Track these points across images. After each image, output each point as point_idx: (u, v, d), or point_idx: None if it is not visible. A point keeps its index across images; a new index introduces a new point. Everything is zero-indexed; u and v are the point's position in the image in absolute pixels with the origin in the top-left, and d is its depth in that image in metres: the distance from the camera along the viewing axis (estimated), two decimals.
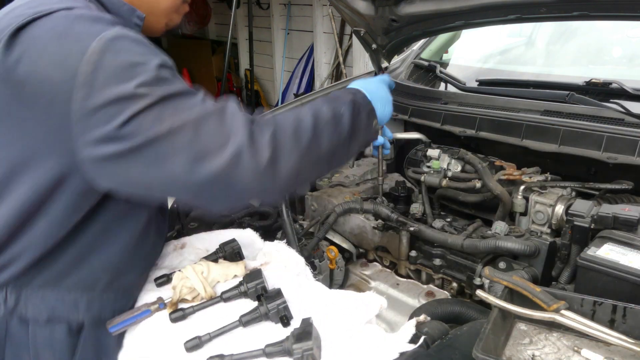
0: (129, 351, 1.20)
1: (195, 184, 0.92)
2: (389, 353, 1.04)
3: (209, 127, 0.93)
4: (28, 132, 0.97)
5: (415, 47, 2.49)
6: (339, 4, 1.83)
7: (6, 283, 1.07)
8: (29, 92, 0.92)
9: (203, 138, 0.92)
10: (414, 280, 1.73)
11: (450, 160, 1.80)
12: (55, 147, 0.97)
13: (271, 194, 1.03)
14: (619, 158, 1.53)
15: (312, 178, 1.14)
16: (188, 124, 0.92)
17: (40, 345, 1.12)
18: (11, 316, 1.09)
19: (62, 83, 0.90)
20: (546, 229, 1.52)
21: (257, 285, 1.19)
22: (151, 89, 0.91)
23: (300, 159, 1.01)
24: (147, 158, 0.90)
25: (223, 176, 0.93)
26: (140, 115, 0.89)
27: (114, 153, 0.90)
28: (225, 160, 0.91)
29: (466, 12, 1.65)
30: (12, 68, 0.92)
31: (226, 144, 0.92)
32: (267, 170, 0.95)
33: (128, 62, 0.91)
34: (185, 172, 0.91)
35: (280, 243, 1.47)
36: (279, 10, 6.79)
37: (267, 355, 1.03)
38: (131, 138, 0.89)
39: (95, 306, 1.16)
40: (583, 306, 1.06)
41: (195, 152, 0.91)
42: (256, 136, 0.96)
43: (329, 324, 1.13)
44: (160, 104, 0.91)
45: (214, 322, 1.16)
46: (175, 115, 0.91)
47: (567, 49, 2.36)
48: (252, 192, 0.99)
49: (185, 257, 1.45)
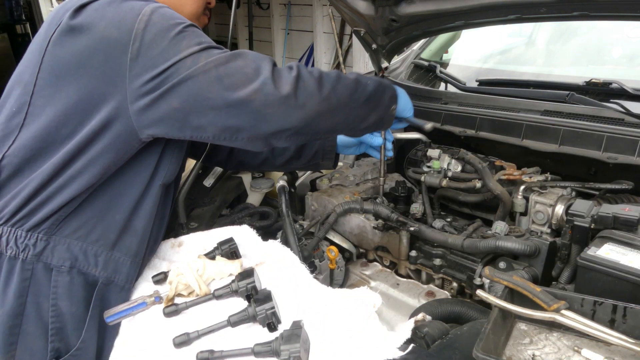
0: (124, 339, 1.24)
1: (225, 108, 1.11)
2: (388, 352, 1.04)
3: (238, 63, 1.13)
4: (84, 83, 1.14)
5: (415, 47, 2.49)
6: (339, 4, 1.83)
7: (39, 225, 1.18)
8: (89, 49, 1.13)
9: (233, 71, 1.12)
10: (414, 280, 1.73)
11: (451, 160, 1.80)
12: (107, 95, 1.14)
13: (292, 123, 1.17)
14: (619, 158, 1.54)
15: (324, 127, 1.28)
16: (221, 59, 1.12)
17: (60, 293, 1.21)
18: (38, 261, 1.19)
19: (118, 39, 1.11)
20: (546, 229, 1.52)
21: (248, 284, 1.21)
22: (188, 40, 1.13)
23: (319, 101, 1.18)
24: (188, 90, 1.10)
25: (250, 102, 1.11)
26: (181, 61, 1.10)
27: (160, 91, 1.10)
28: (252, 90, 1.10)
29: (466, 12, 1.66)
30: (77, 29, 1.14)
31: (255, 76, 1.12)
32: (287, 100, 1.13)
33: (171, 22, 1.14)
34: (216, 98, 1.11)
35: (276, 242, 1.47)
36: (279, 10, 6.80)
37: (256, 354, 1.05)
38: (174, 77, 1.10)
39: (110, 266, 1.26)
40: (583, 306, 1.06)
41: (227, 85, 1.11)
42: (280, 74, 1.15)
43: (324, 323, 1.14)
44: (195, 52, 1.12)
45: (205, 318, 1.19)
46: (209, 56, 1.12)
47: (567, 49, 2.36)
48: (275, 117, 1.15)
49: (183, 255, 1.46)
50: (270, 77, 1.12)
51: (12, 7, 7.56)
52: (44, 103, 1.18)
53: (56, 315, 1.21)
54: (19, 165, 1.20)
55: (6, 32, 7.47)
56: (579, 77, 1.88)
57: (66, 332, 1.22)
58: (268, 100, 1.12)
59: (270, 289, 1.20)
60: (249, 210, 1.99)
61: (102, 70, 1.13)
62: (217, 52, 1.14)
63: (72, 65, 1.15)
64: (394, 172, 2.09)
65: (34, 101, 1.19)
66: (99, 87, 1.14)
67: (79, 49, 1.14)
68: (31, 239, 1.18)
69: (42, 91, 1.18)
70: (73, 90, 1.15)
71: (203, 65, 1.11)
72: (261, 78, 1.12)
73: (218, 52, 1.15)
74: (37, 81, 1.19)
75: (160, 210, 1.38)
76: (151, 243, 1.39)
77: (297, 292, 1.26)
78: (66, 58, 1.16)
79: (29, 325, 1.20)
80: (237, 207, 2.07)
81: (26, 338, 1.20)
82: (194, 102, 1.12)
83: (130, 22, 1.12)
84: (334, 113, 1.24)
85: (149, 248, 1.39)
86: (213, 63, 1.11)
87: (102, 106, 1.14)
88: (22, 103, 1.20)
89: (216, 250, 1.40)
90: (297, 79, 1.15)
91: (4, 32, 7.45)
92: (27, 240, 1.18)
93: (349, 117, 1.30)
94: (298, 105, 1.15)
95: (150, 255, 1.45)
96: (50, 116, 1.17)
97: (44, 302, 1.20)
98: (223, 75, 1.11)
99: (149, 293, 1.29)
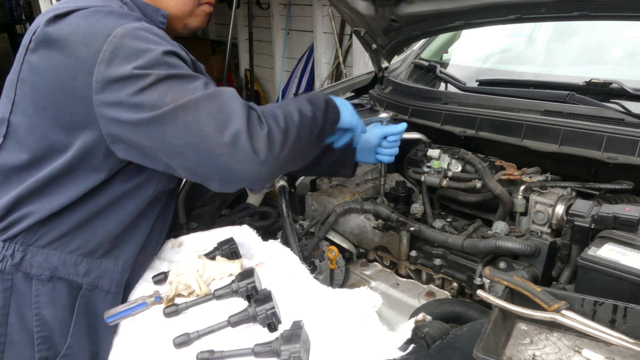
0: (124, 339, 1.24)
1: (193, 157, 1.04)
2: (388, 352, 1.04)
3: (210, 108, 1.04)
4: (59, 105, 1.12)
5: (415, 47, 2.49)
6: (339, 4, 1.83)
7: (15, 237, 1.17)
8: (61, 64, 1.09)
9: (204, 118, 1.03)
10: (414, 280, 1.73)
11: (451, 160, 1.80)
12: (81, 115, 1.10)
13: (262, 179, 1.12)
14: (619, 158, 1.53)
15: (293, 168, 1.27)
16: (190, 103, 1.03)
17: (43, 302, 1.20)
18: (17, 271, 1.18)
19: (86, 59, 1.06)
20: (546, 229, 1.52)
21: (248, 284, 1.21)
22: (158, 70, 1.05)
23: (286, 155, 1.12)
24: (155, 133, 1.04)
25: (219, 155, 1.03)
26: (146, 95, 1.03)
27: (128, 123, 1.05)
28: (224, 142, 1.02)
29: (466, 12, 1.66)
30: (50, 40, 1.10)
31: (226, 127, 1.03)
32: (258, 159, 1.05)
33: (142, 47, 1.06)
34: (184, 145, 1.03)
35: (276, 242, 1.47)
36: (279, 10, 6.80)
37: (256, 355, 1.05)
38: (141, 111, 1.03)
39: (93, 273, 1.24)
40: (583, 306, 1.06)
41: (196, 132, 1.02)
42: (254, 125, 1.06)
43: (324, 323, 1.14)
44: (163, 82, 1.04)
45: (206, 318, 1.19)
46: (178, 94, 1.04)
47: (567, 48, 2.36)
48: (246, 176, 1.08)
49: (183, 256, 1.45)
50: (244, 130, 1.03)
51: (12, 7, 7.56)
52: (24, 129, 1.16)
53: (41, 324, 1.19)
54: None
55: (6, 32, 7.47)
56: (579, 77, 1.87)
57: (54, 340, 1.21)
58: (238, 157, 1.03)
59: (270, 289, 1.20)
60: (249, 210, 1.99)
61: (74, 89, 1.09)
62: (187, 88, 1.06)
63: (46, 81, 1.12)
64: (394, 172, 2.09)
65: (14, 120, 1.18)
66: (75, 110, 1.11)
67: (53, 64, 1.11)
68: (8, 250, 1.17)
69: (21, 111, 1.17)
70: (50, 111, 1.13)
71: (172, 107, 1.02)
72: (233, 130, 1.02)
73: (188, 88, 1.06)
74: (16, 97, 1.17)
75: (163, 214, 1.37)
76: (152, 245, 1.38)
77: (297, 292, 1.26)
78: (42, 72, 1.13)
79: (14, 335, 1.19)
80: (237, 207, 2.06)
81: (13, 347, 1.19)
82: (161, 145, 1.06)
83: (100, 42, 1.06)
84: (298, 159, 1.23)
85: (150, 250, 1.38)
86: (182, 106, 1.02)
87: (81, 134, 1.12)
88: (4, 113, 1.19)
89: (216, 251, 1.40)
90: (267, 135, 1.07)
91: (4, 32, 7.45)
92: (5, 250, 1.17)
93: (307, 155, 1.30)
94: (267, 162, 1.07)
95: (151, 257, 1.44)
96: (31, 144, 1.16)
97: (27, 311, 1.19)
98: (192, 122, 1.02)
99: (149, 293, 1.29)
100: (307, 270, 1.35)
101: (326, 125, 1.31)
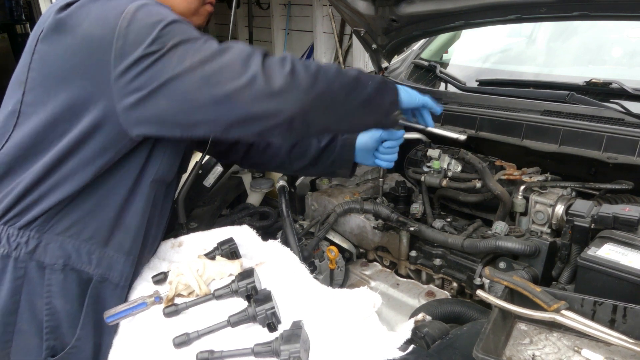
0: (124, 339, 1.24)
1: (213, 106, 1.09)
2: (388, 352, 1.04)
3: (225, 59, 1.10)
4: (71, 85, 1.14)
5: (415, 47, 2.49)
6: (339, 4, 1.83)
7: (30, 224, 1.18)
8: (74, 48, 1.12)
9: (221, 68, 1.09)
10: (414, 280, 1.73)
11: (451, 160, 1.80)
12: (94, 96, 1.13)
13: (283, 118, 1.12)
14: (619, 158, 1.54)
15: (318, 125, 1.24)
16: (206, 58, 1.09)
17: (54, 291, 1.21)
18: (30, 260, 1.19)
19: (102, 38, 1.10)
20: (546, 229, 1.52)
21: (248, 284, 1.21)
22: (173, 37, 1.10)
23: (312, 97, 1.14)
24: (175, 91, 1.08)
25: (238, 98, 1.08)
26: (166, 60, 1.08)
27: (147, 91, 1.08)
28: (242, 86, 1.07)
29: (466, 12, 1.66)
30: (62, 27, 1.13)
31: (243, 72, 1.08)
32: (278, 95, 1.09)
33: (155, 18, 1.11)
34: (204, 97, 1.08)
35: (276, 242, 1.47)
36: (279, 10, 6.80)
37: (256, 355, 1.05)
38: (160, 76, 1.08)
39: (104, 263, 1.25)
40: (583, 306, 1.06)
41: (214, 82, 1.08)
42: (271, 67, 1.11)
43: (324, 323, 1.14)
44: (180, 46, 1.09)
45: (205, 318, 1.19)
46: (195, 53, 1.09)
47: (567, 48, 2.36)
48: (265, 114, 1.11)
49: (183, 256, 1.45)
50: (260, 71, 1.09)
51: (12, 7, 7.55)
52: (34, 102, 1.18)
53: (51, 313, 1.21)
54: (11, 164, 1.20)
55: (6, 32, 7.47)
56: (579, 77, 1.88)
57: (61, 330, 1.22)
58: (257, 95, 1.08)
59: (270, 289, 1.20)
60: (249, 210, 1.99)
61: (88, 70, 1.12)
62: (205, 46, 1.12)
63: (59, 65, 1.15)
64: (394, 172, 2.09)
65: (26, 100, 1.19)
66: (86, 87, 1.13)
67: (65, 48, 1.14)
68: (23, 237, 1.18)
69: (32, 90, 1.19)
70: (61, 91, 1.15)
71: (189, 64, 1.08)
72: (250, 73, 1.08)
73: (205, 46, 1.12)
74: (28, 80, 1.19)
75: (158, 209, 1.37)
76: (150, 241, 1.39)
77: (297, 292, 1.26)
78: (53, 57, 1.15)
79: (23, 324, 1.20)
80: (237, 207, 2.07)
81: (21, 336, 1.20)
82: (181, 102, 1.10)
83: (114, 20, 1.10)
84: (326, 111, 1.21)
85: (148, 247, 1.39)
86: (199, 61, 1.08)
87: (91, 107, 1.14)
88: (16, 102, 1.21)
89: (216, 250, 1.40)
90: (290, 74, 1.11)
91: (4, 32, 7.44)
92: (19, 238, 1.18)
93: (343, 117, 1.27)
94: (288, 100, 1.11)
95: (150, 254, 1.44)
96: (40, 117, 1.17)
97: (38, 300, 1.20)
98: (210, 73, 1.08)
99: (149, 293, 1.29)
100: (307, 270, 1.35)
101: (377, 99, 1.29)
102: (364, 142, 1.63)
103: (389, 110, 1.34)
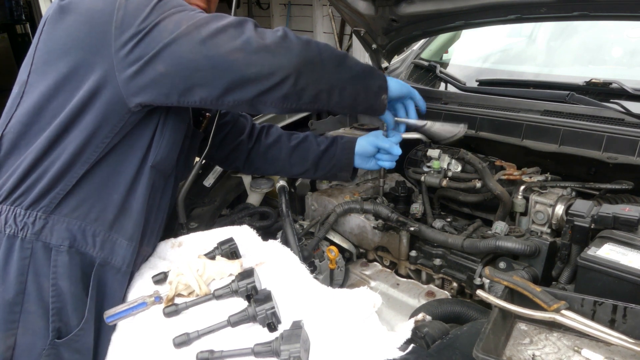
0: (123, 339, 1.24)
1: (210, 69, 1.14)
2: (388, 352, 1.04)
3: (220, 24, 1.14)
4: (72, 56, 1.18)
5: (415, 47, 2.49)
6: (339, 4, 1.83)
7: (37, 203, 1.20)
8: (76, 23, 1.18)
9: (216, 32, 1.13)
10: (414, 280, 1.73)
11: (451, 160, 1.80)
12: (94, 65, 1.17)
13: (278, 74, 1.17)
14: (619, 158, 1.54)
15: (309, 92, 1.25)
16: (202, 22, 1.14)
17: (60, 273, 1.22)
18: (37, 240, 1.20)
19: (103, 9, 1.15)
20: (546, 229, 1.52)
21: (248, 284, 1.21)
22: (170, 5, 1.16)
23: (303, 57, 1.19)
24: (172, 54, 1.13)
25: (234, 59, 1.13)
26: (163, 25, 1.13)
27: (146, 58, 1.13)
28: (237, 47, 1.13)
29: (466, 12, 1.66)
30: (66, 8, 1.19)
31: (237, 35, 1.14)
32: (271, 48, 1.15)
33: None
34: (200, 59, 1.13)
35: (276, 242, 1.47)
36: (279, 10, 6.80)
37: (256, 354, 1.05)
38: (158, 42, 1.13)
39: (107, 247, 1.27)
40: (583, 306, 1.06)
41: (210, 45, 1.12)
42: (264, 31, 1.17)
43: (324, 323, 1.14)
44: (177, 14, 1.15)
45: (205, 318, 1.19)
46: (191, 20, 1.14)
47: (567, 48, 2.36)
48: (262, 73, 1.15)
49: (183, 255, 1.45)
50: (254, 34, 1.15)
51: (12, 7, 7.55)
52: (37, 79, 1.21)
53: (57, 294, 1.21)
54: (15, 141, 1.22)
55: (6, 32, 7.46)
56: (579, 77, 1.88)
57: (66, 312, 1.23)
58: (252, 57, 1.14)
59: (270, 289, 1.20)
60: (249, 210, 1.99)
61: (89, 41, 1.16)
62: (199, 14, 1.17)
63: (62, 41, 1.19)
64: (394, 172, 2.09)
65: (30, 79, 1.22)
66: (86, 57, 1.17)
67: (68, 25, 1.19)
68: (30, 217, 1.19)
69: (37, 70, 1.22)
70: (62, 63, 1.19)
71: (185, 28, 1.13)
72: (244, 36, 1.14)
73: (200, 14, 1.17)
74: (34, 60, 1.23)
75: (157, 201, 1.38)
76: (148, 233, 1.39)
77: (297, 292, 1.26)
78: (57, 36, 1.20)
79: (30, 304, 1.21)
80: (237, 207, 2.07)
81: (27, 317, 1.21)
82: (178, 65, 1.14)
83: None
84: (318, 77, 1.24)
85: (146, 237, 1.39)
86: (194, 25, 1.13)
87: (90, 76, 1.17)
88: (21, 85, 1.24)
89: (216, 250, 1.40)
90: (283, 37, 1.17)
91: (4, 32, 7.44)
92: (26, 218, 1.19)
93: (333, 87, 1.28)
94: (281, 60, 1.16)
95: (148, 247, 1.44)
96: (42, 90, 1.20)
97: (45, 281, 1.21)
98: (205, 36, 1.13)
99: (149, 293, 1.29)
100: (307, 270, 1.35)
101: (366, 79, 1.35)
102: (362, 147, 1.64)
103: (378, 93, 1.38)
